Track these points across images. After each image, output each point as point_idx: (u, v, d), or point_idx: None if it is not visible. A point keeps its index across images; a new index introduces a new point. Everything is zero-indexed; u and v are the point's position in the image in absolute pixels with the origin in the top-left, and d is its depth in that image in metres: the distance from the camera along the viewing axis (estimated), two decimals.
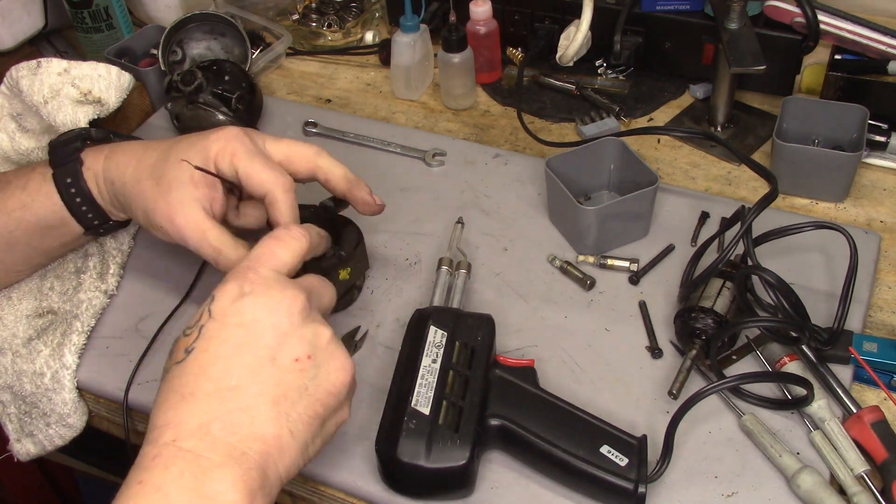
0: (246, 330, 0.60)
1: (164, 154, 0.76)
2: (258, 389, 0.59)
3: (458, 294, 0.82)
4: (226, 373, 0.59)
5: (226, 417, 0.58)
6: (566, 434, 0.69)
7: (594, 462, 0.67)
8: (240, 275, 0.63)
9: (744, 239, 0.77)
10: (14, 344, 0.84)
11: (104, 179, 0.79)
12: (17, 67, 0.98)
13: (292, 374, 0.60)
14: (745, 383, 0.73)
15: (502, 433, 0.70)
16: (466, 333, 0.74)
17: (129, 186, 0.77)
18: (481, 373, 0.71)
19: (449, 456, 0.66)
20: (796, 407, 0.72)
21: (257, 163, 0.75)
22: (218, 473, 0.56)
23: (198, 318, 0.62)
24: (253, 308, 0.61)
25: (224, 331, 0.60)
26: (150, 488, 0.54)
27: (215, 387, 0.58)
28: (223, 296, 0.62)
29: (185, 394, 0.58)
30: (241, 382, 0.59)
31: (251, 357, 0.60)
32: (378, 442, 0.69)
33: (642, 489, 0.66)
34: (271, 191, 0.74)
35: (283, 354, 0.61)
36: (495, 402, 0.70)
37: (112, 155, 0.79)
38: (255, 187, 0.74)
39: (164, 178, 0.75)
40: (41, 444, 0.85)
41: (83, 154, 0.80)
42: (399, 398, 0.70)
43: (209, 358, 0.60)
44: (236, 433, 0.57)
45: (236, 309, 0.61)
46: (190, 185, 0.74)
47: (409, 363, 0.72)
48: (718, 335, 0.74)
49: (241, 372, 0.59)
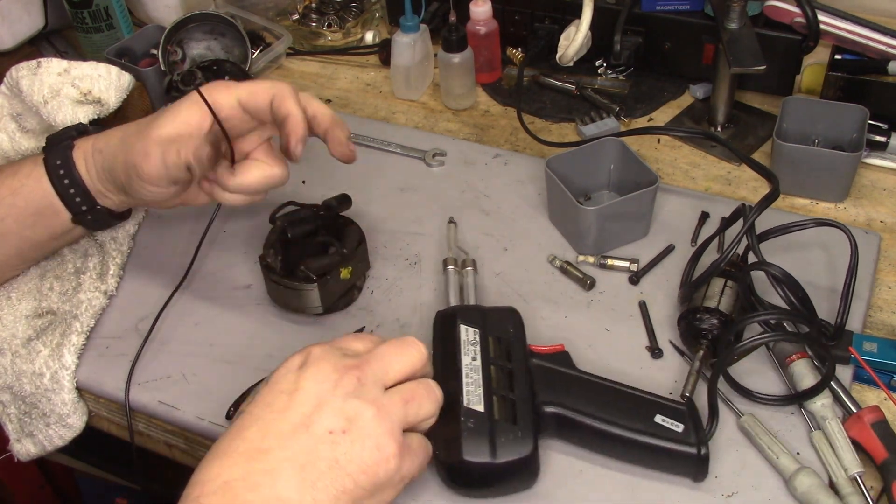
0: (289, 397, 0.62)
1: (154, 116, 0.77)
2: (286, 455, 0.59)
3: (472, 291, 0.82)
4: (260, 435, 0.60)
5: (249, 477, 0.58)
6: (618, 410, 0.70)
7: (653, 433, 0.68)
8: (306, 349, 0.65)
9: (748, 235, 0.77)
10: (13, 344, 0.84)
11: (93, 152, 0.80)
12: (18, 67, 0.98)
13: (324, 444, 0.60)
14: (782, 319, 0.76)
15: (557, 419, 0.70)
16: (496, 328, 0.74)
17: (116, 150, 0.78)
18: (522, 363, 0.72)
19: (513, 449, 0.66)
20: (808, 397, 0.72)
21: (250, 83, 0.77)
22: None
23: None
24: (300, 378, 0.62)
25: (270, 395, 0.62)
26: None
27: (247, 447, 0.60)
28: (285, 364, 0.64)
29: (220, 453, 0.60)
30: (271, 445, 0.59)
31: (287, 423, 0.60)
32: (438, 448, 0.67)
33: (705, 450, 0.67)
34: (279, 90, 0.75)
35: (317, 424, 0.60)
36: (543, 389, 0.71)
37: (104, 133, 0.81)
38: (261, 98, 0.75)
39: (147, 127, 0.76)
40: (41, 445, 0.85)
41: (76, 141, 0.81)
42: (448, 399, 0.68)
43: (250, 420, 0.61)
44: (257, 492, 0.58)
45: (290, 378, 0.63)
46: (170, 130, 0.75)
47: (447, 364, 0.72)
48: (733, 328, 0.73)
49: (274, 436, 0.60)
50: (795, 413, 0.74)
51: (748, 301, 0.77)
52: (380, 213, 0.95)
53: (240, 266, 0.90)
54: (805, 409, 0.73)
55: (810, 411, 0.73)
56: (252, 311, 0.86)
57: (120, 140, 0.78)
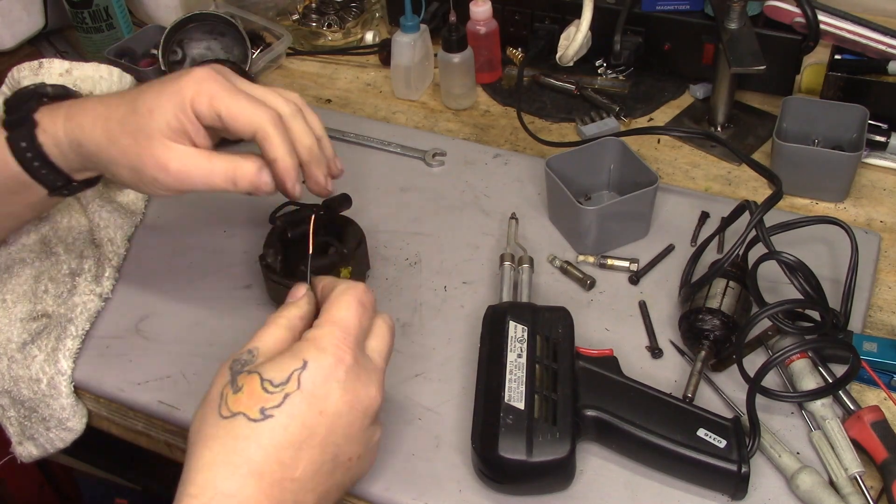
0: (327, 422, 0.59)
1: (132, 106, 0.70)
2: (313, 485, 0.59)
3: (525, 288, 0.82)
4: (294, 462, 0.58)
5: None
6: (662, 420, 0.69)
7: (694, 446, 0.68)
8: (337, 352, 0.61)
9: (757, 227, 0.77)
10: (9, 349, 0.83)
11: (69, 143, 0.73)
12: (20, 68, 0.98)
13: (342, 472, 0.61)
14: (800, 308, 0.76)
15: (597, 424, 0.70)
16: (546, 327, 0.74)
17: (104, 149, 0.71)
18: (567, 365, 0.72)
19: (550, 449, 0.66)
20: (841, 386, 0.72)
21: (240, 99, 0.69)
22: None
23: (285, 379, 0.59)
24: (340, 401, 0.60)
25: (307, 414, 0.59)
26: None
27: (283, 475, 0.57)
28: (318, 370, 0.60)
29: (254, 471, 0.57)
30: (303, 475, 0.58)
31: (319, 452, 0.59)
32: (475, 440, 0.68)
33: (746, 469, 0.67)
34: (261, 126, 0.69)
35: (343, 453, 0.61)
36: (586, 393, 0.71)
37: (72, 115, 0.73)
38: (242, 126, 0.69)
39: (140, 132, 0.69)
40: (43, 447, 0.85)
41: (37, 115, 0.74)
42: (490, 395, 0.69)
43: (286, 439, 0.58)
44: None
45: (325, 392, 0.59)
46: (168, 131, 0.69)
47: (493, 359, 0.72)
48: (751, 321, 0.72)
49: (307, 465, 0.58)
50: (795, 413, 0.74)
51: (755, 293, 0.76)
52: (380, 213, 0.95)
53: (240, 266, 0.90)
54: (805, 409, 0.73)
55: (810, 411, 0.73)
56: (252, 312, 0.86)
57: (106, 140, 0.71)
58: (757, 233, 0.77)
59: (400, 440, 0.74)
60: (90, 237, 0.92)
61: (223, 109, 0.69)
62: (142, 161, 0.70)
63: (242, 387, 0.59)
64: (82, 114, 0.73)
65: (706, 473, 0.68)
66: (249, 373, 0.60)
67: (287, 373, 0.59)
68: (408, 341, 0.82)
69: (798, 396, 0.72)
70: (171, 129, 0.69)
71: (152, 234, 0.95)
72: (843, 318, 0.78)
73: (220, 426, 0.58)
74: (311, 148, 0.73)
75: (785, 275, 0.76)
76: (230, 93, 0.70)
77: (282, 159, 0.70)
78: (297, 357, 0.60)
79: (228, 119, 0.69)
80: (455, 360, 0.80)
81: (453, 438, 0.74)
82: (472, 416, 0.70)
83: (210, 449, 0.57)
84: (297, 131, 0.72)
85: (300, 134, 0.72)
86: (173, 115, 0.69)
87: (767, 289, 0.78)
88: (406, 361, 0.80)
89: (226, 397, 0.59)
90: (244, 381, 0.59)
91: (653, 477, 0.71)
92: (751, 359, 0.78)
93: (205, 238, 0.93)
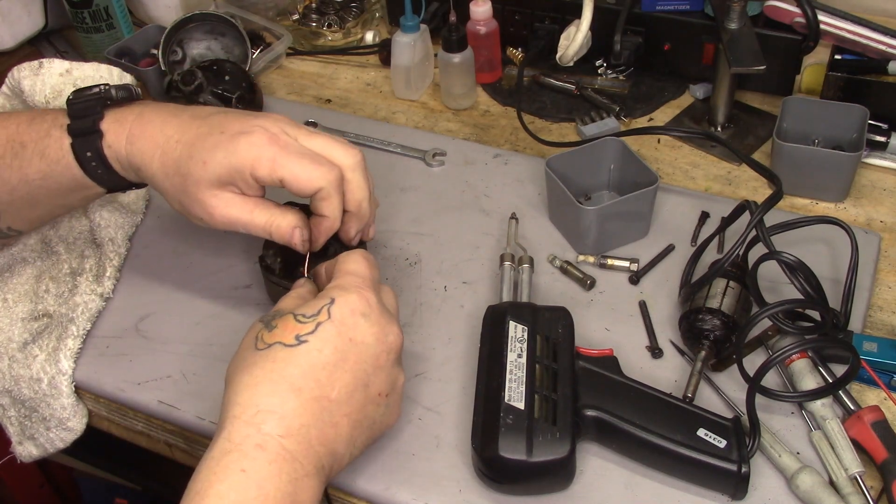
0: (357, 348, 0.63)
1: (189, 151, 0.73)
2: (347, 410, 0.63)
3: (525, 288, 0.82)
4: (330, 383, 0.62)
5: (321, 428, 0.61)
6: (662, 420, 0.69)
7: (694, 446, 0.68)
8: (361, 291, 0.65)
9: (757, 227, 0.77)
10: (10, 348, 0.84)
11: (129, 166, 0.76)
12: (20, 68, 0.98)
13: (372, 405, 0.65)
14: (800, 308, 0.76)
15: (598, 424, 0.70)
16: (546, 327, 0.74)
17: (159, 180, 0.75)
18: (567, 365, 0.72)
19: (550, 449, 0.66)
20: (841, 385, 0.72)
21: (304, 162, 0.71)
22: (307, 483, 0.58)
23: (316, 311, 0.63)
24: (367, 332, 0.64)
25: (339, 339, 0.63)
26: (252, 482, 0.56)
27: (320, 393, 0.61)
28: (345, 304, 0.64)
29: (293, 387, 0.60)
30: (339, 397, 0.62)
31: (352, 377, 0.63)
32: (475, 440, 0.69)
33: (746, 469, 0.67)
34: (323, 187, 0.72)
35: (373, 385, 0.64)
36: (586, 393, 0.71)
37: (134, 139, 0.75)
38: (304, 189, 0.72)
39: (190, 176, 0.72)
40: (43, 447, 0.85)
41: (103, 125, 0.75)
42: (490, 394, 0.70)
43: (321, 360, 0.62)
44: (324, 446, 0.61)
45: (354, 324, 0.64)
46: (218, 183, 0.72)
47: (493, 359, 0.72)
48: (751, 321, 0.73)
49: (341, 387, 0.62)
50: (795, 413, 0.74)
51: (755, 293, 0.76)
52: (380, 213, 0.95)
53: (240, 266, 0.90)
54: (805, 409, 0.73)
55: (810, 411, 0.73)
56: (252, 311, 0.86)
57: (161, 173, 0.74)
58: (757, 233, 0.77)
59: (400, 440, 0.74)
60: (91, 237, 0.92)
61: (286, 175, 0.71)
62: (189, 202, 0.74)
63: (276, 325, 0.63)
64: (143, 139, 0.75)
65: (706, 473, 0.68)
66: (281, 315, 0.64)
67: (317, 308, 0.64)
68: (408, 341, 0.82)
69: (798, 396, 0.72)
70: (220, 182, 0.72)
71: (153, 234, 0.95)
72: (843, 318, 0.78)
73: (259, 355, 0.62)
74: (360, 204, 0.76)
75: (785, 275, 0.76)
76: (293, 156, 0.71)
77: (331, 220, 0.74)
78: (325, 296, 0.65)
79: (291, 183, 0.71)
80: (455, 360, 0.80)
81: (453, 438, 0.74)
82: (472, 416, 0.71)
83: (250, 374, 0.61)
84: (355, 184, 0.75)
85: (356, 188, 0.75)
86: (226, 172, 0.71)
87: (767, 289, 0.78)
88: (406, 361, 0.80)
89: (261, 336, 0.63)
90: (277, 322, 0.64)
91: (653, 477, 0.71)
92: (751, 359, 0.78)
93: (205, 238, 0.93)
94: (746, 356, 0.77)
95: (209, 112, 0.76)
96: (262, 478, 0.56)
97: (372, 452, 0.73)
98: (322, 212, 0.73)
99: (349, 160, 0.74)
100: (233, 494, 0.55)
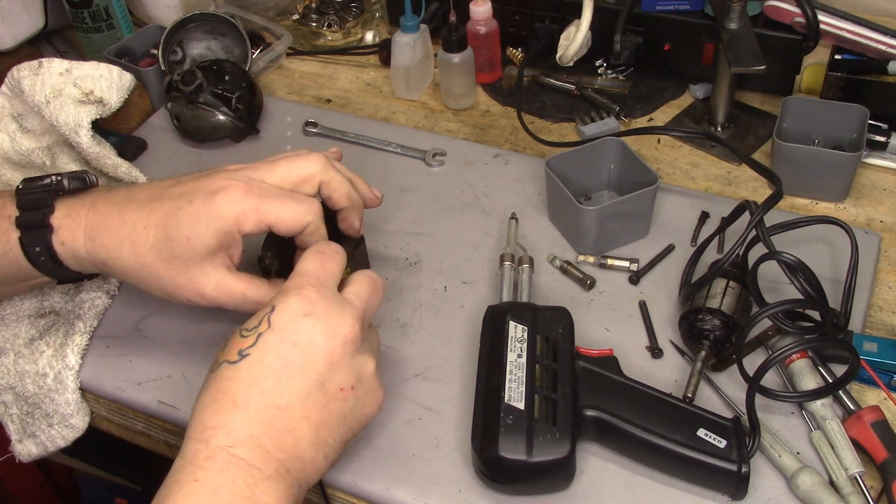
0: (302, 351, 0.62)
1: (164, 232, 0.70)
2: (304, 413, 0.61)
3: (525, 288, 0.82)
4: (277, 391, 0.61)
5: (275, 435, 0.60)
6: (662, 420, 0.69)
7: (694, 446, 0.68)
8: (301, 291, 0.64)
9: (757, 227, 0.77)
10: (16, 344, 0.84)
11: (92, 262, 0.73)
12: (19, 68, 0.98)
13: (335, 402, 0.63)
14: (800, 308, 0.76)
15: (598, 424, 0.70)
16: (546, 327, 0.74)
17: (134, 271, 0.72)
18: (567, 365, 0.72)
19: (550, 449, 0.66)
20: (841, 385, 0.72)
21: (286, 202, 0.70)
22: (266, 486, 0.58)
23: (256, 323, 0.63)
24: (312, 330, 0.63)
25: (281, 346, 0.62)
26: (206, 489, 0.57)
27: (266, 402, 0.60)
28: (285, 309, 0.63)
29: (238, 402, 0.60)
30: (290, 403, 0.61)
31: (302, 380, 0.62)
32: (475, 440, 0.69)
33: (746, 469, 0.67)
34: (310, 222, 0.71)
35: (331, 382, 0.63)
36: (586, 393, 0.71)
37: (93, 234, 0.72)
38: (292, 229, 0.71)
39: (176, 259, 0.70)
40: (43, 445, 0.85)
41: (54, 220, 0.72)
42: (490, 395, 0.70)
43: (263, 371, 0.61)
44: (283, 452, 0.60)
45: (296, 327, 0.63)
46: (208, 255, 0.70)
47: (493, 359, 0.72)
48: (751, 321, 0.73)
49: (291, 393, 0.61)
50: (795, 413, 0.74)
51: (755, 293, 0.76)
52: (380, 213, 0.95)
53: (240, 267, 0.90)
54: (805, 409, 0.73)
55: (810, 411, 0.73)
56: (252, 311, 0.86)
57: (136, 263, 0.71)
58: (757, 233, 0.77)
59: (400, 440, 0.74)
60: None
61: (273, 220, 0.70)
62: (176, 285, 0.72)
63: (226, 342, 0.64)
64: (104, 232, 0.71)
65: (706, 473, 0.68)
66: (231, 333, 0.64)
67: (258, 319, 0.63)
68: (408, 341, 0.82)
69: (798, 396, 0.72)
70: (210, 253, 0.70)
71: None
72: (843, 318, 0.78)
73: (210, 377, 0.63)
74: (348, 194, 0.76)
75: (785, 275, 0.76)
76: (273, 200, 0.70)
77: (319, 240, 0.73)
78: (268, 305, 0.64)
79: (280, 226, 0.71)
80: (455, 360, 0.80)
81: (453, 438, 0.74)
82: (472, 416, 0.71)
83: (201, 397, 0.62)
84: (334, 182, 0.74)
85: (337, 184, 0.75)
86: (216, 240, 0.70)
87: (767, 289, 0.78)
88: (406, 361, 0.80)
89: (216, 356, 0.64)
90: (227, 337, 0.64)
91: (653, 477, 0.71)
92: (751, 359, 0.78)
93: None
94: (746, 356, 0.77)
95: (163, 187, 0.73)
96: (216, 485, 0.57)
97: (372, 452, 0.73)
98: (310, 244, 0.72)
99: (316, 166, 0.73)
100: (187, 502, 0.56)
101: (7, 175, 0.99)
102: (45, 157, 0.98)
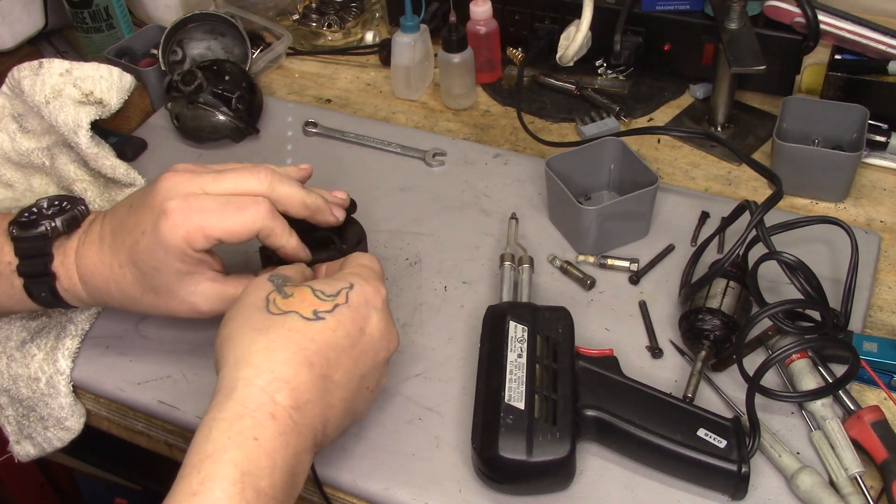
0: (365, 339, 0.64)
1: (134, 269, 0.70)
2: (344, 395, 0.63)
3: (526, 288, 0.82)
4: (337, 365, 0.62)
5: (322, 406, 0.61)
6: (662, 420, 0.69)
7: (694, 446, 0.68)
8: (377, 285, 0.67)
9: (757, 228, 0.77)
10: (8, 347, 0.83)
11: (94, 302, 0.76)
12: (20, 68, 0.98)
13: (361, 396, 0.66)
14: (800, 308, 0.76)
15: (598, 424, 0.70)
16: (546, 327, 0.74)
17: (131, 304, 0.73)
18: (567, 365, 0.72)
19: (550, 449, 0.66)
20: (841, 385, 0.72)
21: (229, 213, 0.68)
22: (305, 457, 0.60)
23: (334, 292, 0.64)
24: (376, 326, 0.65)
25: (353, 326, 0.63)
26: (263, 452, 0.56)
27: (326, 372, 0.61)
28: (362, 293, 0.65)
29: (307, 360, 0.60)
30: (340, 381, 0.62)
31: (353, 365, 0.64)
32: (475, 440, 0.69)
33: (746, 469, 0.67)
34: (262, 226, 0.69)
35: (367, 378, 0.65)
36: (586, 393, 0.71)
37: (85, 280, 0.73)
38: (244, 236, 0.69)
39: (159, 288, 0.71)
40: (40, 446, 0.85)
41: (54, 266, 0.73)
42: (490, 395, 0.70)
43: (334, 340, 0.62)
44: (322, 424, 0.61)
45: (366, 314, 0.65)
46: (185, 276, 0.70)
47: (493, 359, 0.72)
48: (751, 321, 0.73)
49: (343, 373, 0.63)
50: (795, 413, 0.74)
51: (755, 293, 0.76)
52: (380, 213, 0.95)
53: (240, 265, 0.90)
54: (805, 409, 0.73)
55: (810, 411, 0.73)
56: None
57: (129, 300, 0.73)
58: (757, 233, 0.77)
59: (400, 440, 0.74)
60: None
61: (220, 234, 0.68)
62: (171, 310, 0.73)
63: (293, 294, 0.63)
64: (91, 278, 0.73)
65: (706, 473, 0.68)
66: (296, 286, 0.64)
67: (337, 288, 0.65)
68: (408, 341, 0.82)
69: (798, 396, 0.72)
70: (185, 274, 0.70)
71: None
72: (843, 318, 0.78)
73: (273, 320, 0.62)
74: (303, 203, 0.72)
75: (785, 275, 0.76)
76: (215, 214, 0.68)
77: (287, 244, 0.72)
78: (345, 279, 0.66)
79: (230, 238, 0.69)
80: (455, 360, 0.80)
81: (453, 438, 0.74)
82: (472, 416, 0.71)
83: (266, 336, 0.60)
84: (285, 195, 0.71)
85: (288, 198, 0.71)
86: (180, 263, 0.69)
87: (767, 289, 0.78)
88: (406, 361, 0.80)
89: (273, 299, 0.63)
90: (293, 290, 0.64)
91: (653, 477, 0.71)
92: (751, 359, 0.78)
93: None
94: (746, 356, 0.77)
95: (121, 216, 0.72)
96: (273, 448, 0.56)
97: (372, 452, 0.73)
98: (273, 244, 0.71)
99: (263, 184, 0.70)
100: (246, 463, 0.55)
101: (7, 175, 0.99)
102: (45, 158, 0.98)
